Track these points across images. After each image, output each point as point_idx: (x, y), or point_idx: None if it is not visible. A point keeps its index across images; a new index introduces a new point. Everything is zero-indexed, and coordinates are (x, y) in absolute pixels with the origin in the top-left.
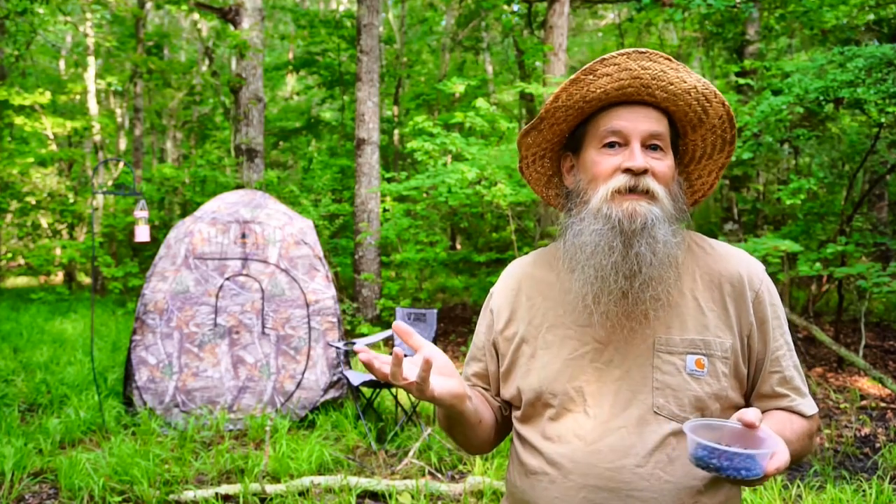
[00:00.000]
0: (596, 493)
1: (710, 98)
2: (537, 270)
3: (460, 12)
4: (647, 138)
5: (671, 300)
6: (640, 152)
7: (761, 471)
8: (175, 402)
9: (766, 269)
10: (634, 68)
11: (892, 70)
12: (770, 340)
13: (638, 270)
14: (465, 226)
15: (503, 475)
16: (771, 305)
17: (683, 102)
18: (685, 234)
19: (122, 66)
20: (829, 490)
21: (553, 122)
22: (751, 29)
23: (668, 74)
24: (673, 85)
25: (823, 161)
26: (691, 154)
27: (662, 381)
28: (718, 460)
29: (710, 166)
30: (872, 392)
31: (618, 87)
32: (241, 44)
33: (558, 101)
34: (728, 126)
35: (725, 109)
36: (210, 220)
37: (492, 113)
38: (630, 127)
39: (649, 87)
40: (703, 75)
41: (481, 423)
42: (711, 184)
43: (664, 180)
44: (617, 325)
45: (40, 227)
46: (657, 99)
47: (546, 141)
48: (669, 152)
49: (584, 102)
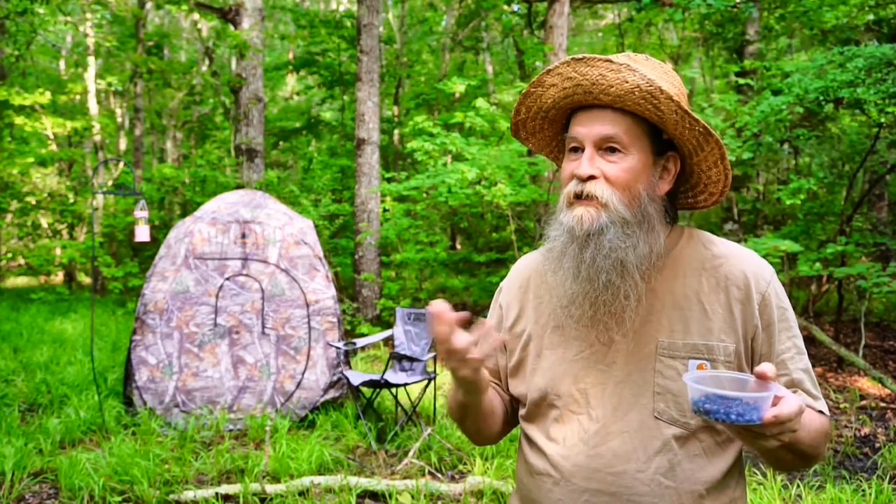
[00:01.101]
0: (598, 497)
1: (657, 95)
2: (545, 266)
3: (460, 12)
4: (599, 142)
5: (675, 302)
6: (588, 158)
7: (759, 417)
8: (175, 402)
9: None
10: (574, 76)
11: (892, 70)
12: (776, 343)
13: (593, 277)
14: (465, 226)
15: (503, 475)
16: (778, 308)
17: (632, 102)
18: (692, 234)
19: (122, 66)
20: (828, 490)
21: (532, 130)
22: (751, 29)
23: (608, 77)
24: (614, 87)
25: (823, 161)
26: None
27: (663, 385)
28: (712, 405)
29: (711, 157)
30: (872, 392)
31: (564, 96)
32: (241, 44)
33: (520, 115)
34: (690, 120)
35: (675, 104)
36: (210, 220)
37: (492, 113)
38: (584, 132)
39: (592, 93)
40: (703, 75)
41: (493, 415)
42: (726, 174)
43: (619, 183)
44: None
45: (40, 227)
46: (604, 102)
47: (545, 145)
48: (632, 153)
49: (545, 112)
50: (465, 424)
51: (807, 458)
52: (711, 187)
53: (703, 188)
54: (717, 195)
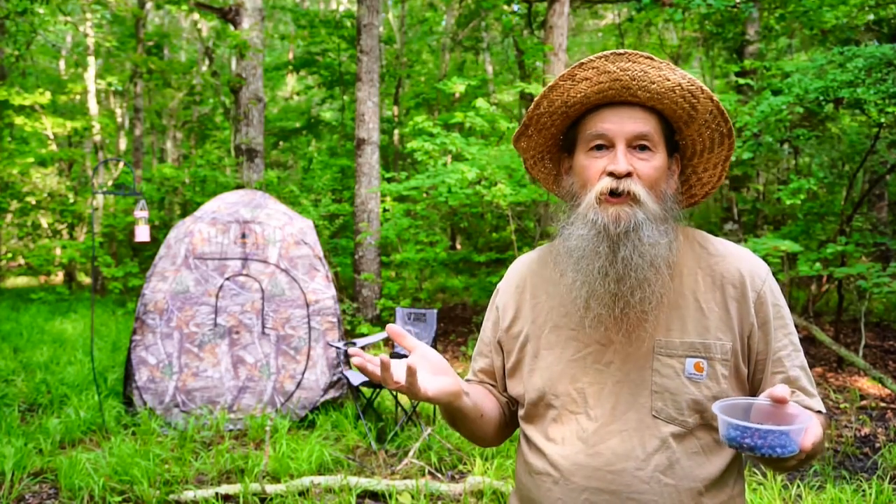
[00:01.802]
0: (597, 496)
1: (697, 94)
2: (542, 268)
3: (460, 12)
4: (632, 139)
5: (672, 301)
6: (623, 155)
7: (796, 447)
8: (175, 402)
9: None
10: (613, 70)
11: (892, 70)
12: (772, 341)
13: (626, 274)
14: (465, 226)
15: (503, 475)
16: (774, 306)
17: (669, 100)
18: (688, 233)
19: (122, 66)
20: (828, 490)
21: (540, 127)
22: (751, 29)
23: (650, 74)
24: (655, 84)
25: (823, 161)
26: (692, 148)
27: (661, 384)
28: (752, 439)
29: (714, 159)
30: (872, 392)
31: (598, 91)
32: (241, 44)
33: (540, 108)
34: (721, 120)
35: (714, 104)
36: (210, 220)
37: (492, 113)
38: (615, 129)
39: (630, 88)
40: (703, 75)
41: (483, 418)
42: (720, 175)
43: (649, 181)
44: (616, 327)
45: (40, 227)
46: (641, 99)
47: (540, 145)
48: (659, 151)
49: (567, 107)
50: (458, 428)
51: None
52: (696, 188)
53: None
54: (698, 197)
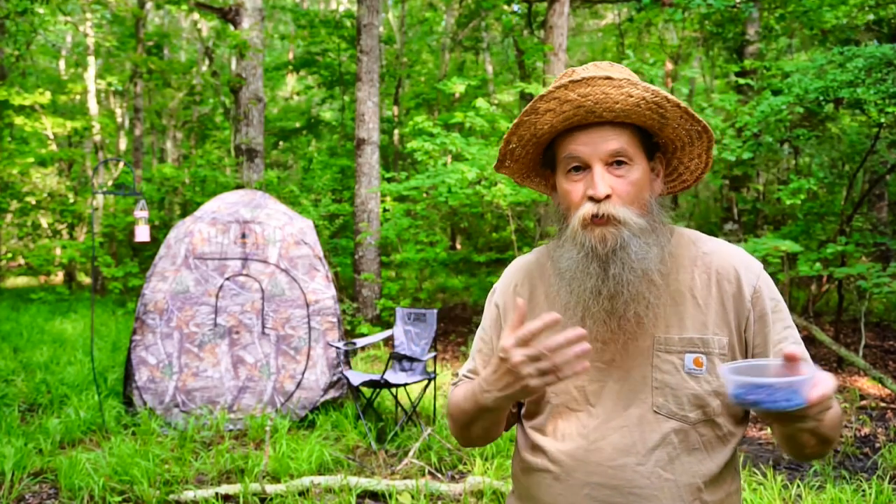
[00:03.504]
0: (598, 491)
1: (663, 104)
2: (540, 270)
3: (460, 12)
4: (607, 158)
5: (670, 299)
6: (601, 178)
7: (803, 399)
8: (175, 402)
9: (767, 270)
10: (574, 98)
11: (892, 70)
12: (771, 333)
13: (618, 291)
14: (465, 226)
15: (503, 475)
16: (771, 300)
17: (637, 115)
18: (682, 232)
19: (122, 66)
20: (828, 490)
21: (516, 157)
22: (751, 29)
23: (612, 95)
24: (619, 103)
25: (823, 161)
26: (673, 144)
27: (661, 380)
28: (756, 395)
29: (696, 150)
30: (872, 392)
31: (563, 120)
32: (241, 44)
33: (511, 144)
34: (692, 121)
35: (682, 110)
36: (210, 220)
37: (492, 113)
38: (588, 151)
39: (595, 112)
40: (703, 75)
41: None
42: (706, 162)
43: (630, 197)
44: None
45: (40, 227)
46: (606, 118)
47: (522, 169)
48: (637, 161)
49: (537, 139)
50: (473, 428)
51: (827, 442)
52: (686, 175)
53: (677, 176)
54: (690, 181)
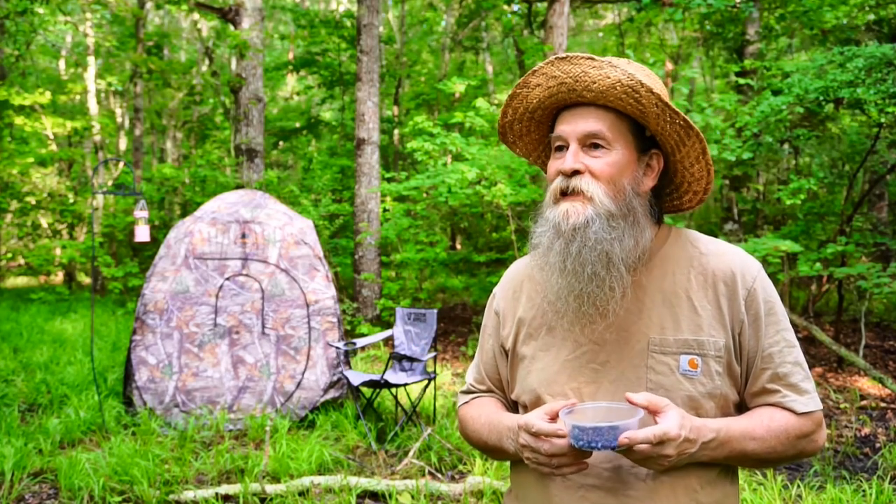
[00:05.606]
0: (594, 493)
1: (637, 88)
2: (533, 265)
3: (460, 12)
4: (583, 139)
5: (665, 299)
6: (573, 154)
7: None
8: (175, 402)
9: (766, 269)
10: (558, 74)
11: (892, 70)
12: (762, 337)
13: (577, 269)
14: (465, 226)
15: (503, 475)
16: (765, 302)
17: (613, 97)
18: (679, 233)
19: (122, 66)
20: (829, 490)
21: (520, 133)
22: (751, 29)
23: (591, 74)
24: (597, 83)
25: (823, 161)
26: (668, 142)
27: (656, 381)
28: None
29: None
30: (872, 392)
31: (549, 95)
32: (241, 44)
33: (507, 117)
34: (671, 113)
35: (656, 97)
36: (210, 220)
37: (492, 113)
38: (568, 130)
39: (576, 90)
40: (703, 75)
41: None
42: (707, 169)
43: (605, 177)
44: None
45: (40, 227)
46: (588, 99)
47: (530, 149)
48: (616, 147)
49: (530, 113)
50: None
51: (764, 462)
52: (695, 185)
53: (688, 187)
54: (700, 193)
